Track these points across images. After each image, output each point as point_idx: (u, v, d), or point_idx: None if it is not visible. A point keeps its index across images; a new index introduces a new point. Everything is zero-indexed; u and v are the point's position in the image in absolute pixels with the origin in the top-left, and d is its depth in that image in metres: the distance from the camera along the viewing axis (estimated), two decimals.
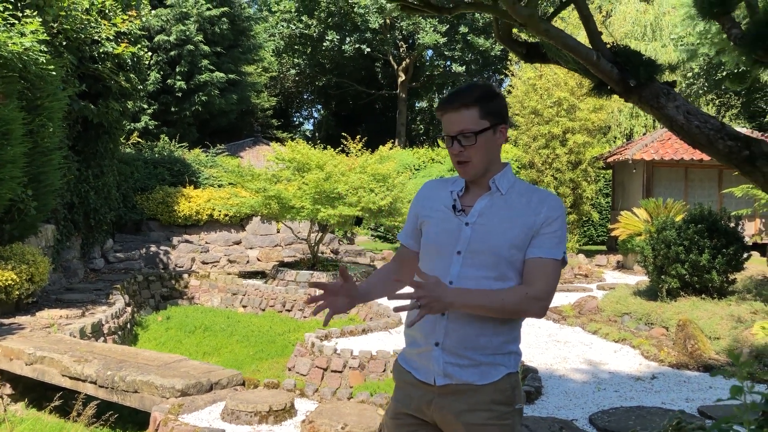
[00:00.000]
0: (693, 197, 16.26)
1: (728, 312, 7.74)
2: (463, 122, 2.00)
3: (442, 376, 2.02)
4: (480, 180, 2.08)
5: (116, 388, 5.63)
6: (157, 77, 21.27)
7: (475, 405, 2.00)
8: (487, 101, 2.02)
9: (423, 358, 2.07)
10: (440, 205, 2.11)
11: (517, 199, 2.05)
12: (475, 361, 2.01)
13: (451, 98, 2.03)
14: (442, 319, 2.00)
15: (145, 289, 12.52)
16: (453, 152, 2.03)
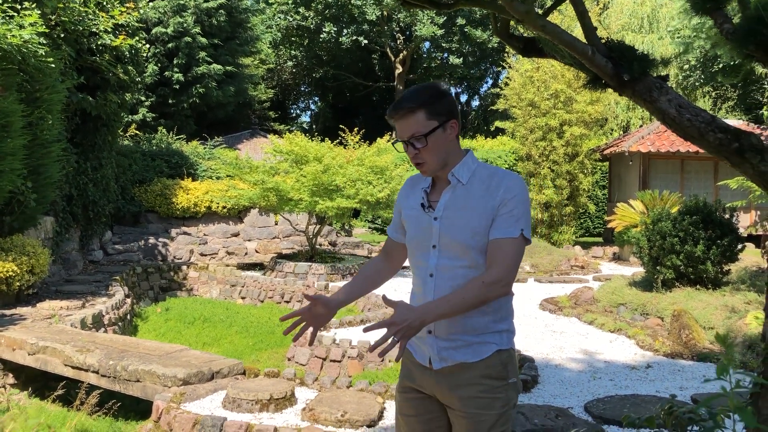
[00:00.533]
0: (689, 189, 16.36)
1: (722, 302, 7.83)
2: (411, 127, 2.11)
3: (438, 360, 2.18)
4: (441, 174, 2.21)
5: (118, 377, 5.70)
6: (154, 69, 21.26)
7: (467, 380, 2.16)
8: (432, 103, 2.12)
9: (420, 342, 2.23)
10: (415, 203, 2.26)
11: (477, 186, 2.16)
12: (466, 341, 2.16)
13: (397, 105, 2.13)
14: None
15: (144, 280, 12.58)
16: (409, 155, 2.16)
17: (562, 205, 16.45)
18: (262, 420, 4.77)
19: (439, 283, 2.17)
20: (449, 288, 2.14)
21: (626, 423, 2.48)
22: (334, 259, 13.26)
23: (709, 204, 8.87)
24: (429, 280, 2.18)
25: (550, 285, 11.71)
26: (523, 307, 9.52)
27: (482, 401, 2.15)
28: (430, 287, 2.18)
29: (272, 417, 4.87)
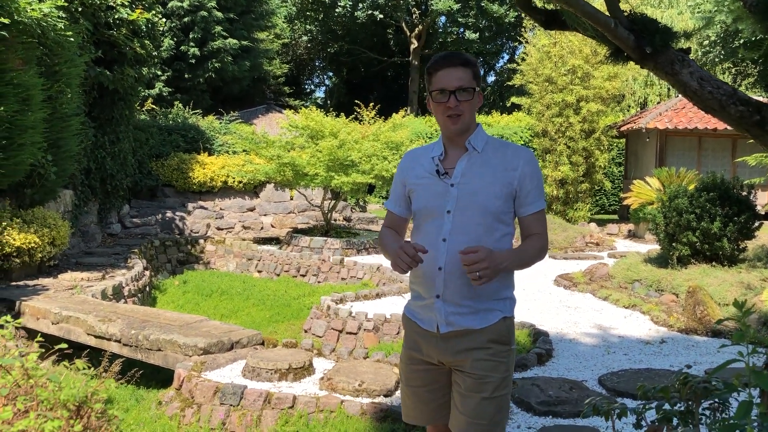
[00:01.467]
0: (706, 166, 16.23)
1: (738, 279, 7.83)
2: (461, 78, 2.20)
3: (445, 325, 2.27)
4: (458, 141, 2.29)
5: (140, 346, 5.83)
6: (170, 44, 21.26)
7: (475, 344, 2.26)
8: (475, 67, 2.26)
9: (426, 310, 2.31)
10: (424, 172, 2.31)
11: (492, 154, 2.27)
12: (473, 308, 2.25)
13: (451, 57, 2.23)
14: (440, 273, 2.23)
15: (162, 254, 12.73)
16: (449, 105, 2.20)
17: (577, 181, 16.40)
18: (281, 389, 4.87)
19: (452, 248, 2.22)
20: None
21: (640, 394, 2.53)
22: (349, 234, 13.33)
23: (726, 181, 8.83)
24: (441, 245, 2.23)
25: (565, 261, 11.73)
26: (537, 282, 9.57)
27: (489, 363, 2.26)
28: (443, 251, 2.23)
29: (291, 386, 4.98)
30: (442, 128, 2.30)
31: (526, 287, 9.23)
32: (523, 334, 6.61)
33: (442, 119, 2.25)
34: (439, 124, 2.31)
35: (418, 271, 2.28)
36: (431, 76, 2.25)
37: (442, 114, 2.24)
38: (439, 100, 2.22)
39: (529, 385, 4.93)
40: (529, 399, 4.62)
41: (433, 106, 2.29)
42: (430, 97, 2.28)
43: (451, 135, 2.28)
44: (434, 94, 2.23)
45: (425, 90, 2.33)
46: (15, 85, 7.71)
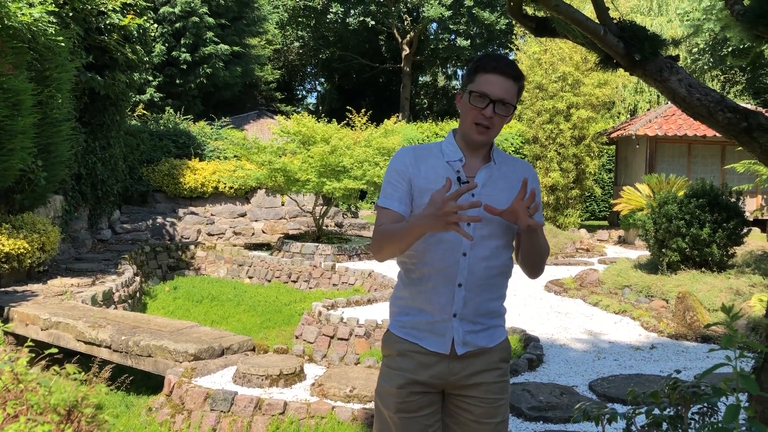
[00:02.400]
0: (695, 173, 16.34)
1: (727, 285, 7.88)
2: (508, 91, 2.03)
3: (462, 345, 2.08)
4: (478, 151, 2.11)
5: (130, 352, 5.80)
6: (162, 49, 21.25)
7: (487, 365, 2.13)
8: (522, 83, 2.10)
9: (435, 329, 2.09)
10: (438, 176, 2.06)
11: (506, 168, 2.15)
12: (485, 325, 2.13)
13: (508, 64, 2.04)
14: (460, 290, 2.05)
15: (153, 259, 12.69)
16: (484, 114, 2.02)
17: (568, 188, 16.47)
18: (272, 395, 4.86)
19: (473, 262, 2.07)
20: (483, 266, 2.07)
21: (631, 399, 2.55)
22: (340, 240, 13.34)
23: (715, 187, 8.89)
24: (462, 260, 2.05)
25: (555, 267, 11.76)
26: (528, 288, 9.59)
27: (500, 386, 2.16)
28: (463, 266, 2.06)
29: (282, 392, 4.96)
30: (465, 133, 2.10)
31: (517, 292, 9.25)
32: (514, 339, 6.62)
33: (469, 124, 2.06)
34: (462, 126, 2.11)
35: (426, 286, 2.08)
36: (477, 74, 2.05)
37: (471, 119, 2.04)
38: (476, 104, 2.02)
39: (520, 390, 4.94)
40: (520, 405, 4.63)
41: (463, 106, 2.09)
42: (465, 94, 2.07)
43: (474, 144, 2.08)
44: (474, 95, 2.03)
45: (417, 96, 2.18)
46: (5, 90, 7.69)
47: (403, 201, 2.10)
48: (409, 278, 2.14)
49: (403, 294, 2.17)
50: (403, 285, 2.17)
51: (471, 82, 2.05)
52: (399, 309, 2.19)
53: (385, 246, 2.05)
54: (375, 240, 2.10)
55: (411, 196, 2.09)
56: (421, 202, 2.02)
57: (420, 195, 2.06)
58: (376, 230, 2.10)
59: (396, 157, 2.15)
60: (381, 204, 2.12)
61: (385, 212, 2.10)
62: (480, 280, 2.07)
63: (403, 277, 2.18)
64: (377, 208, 2.15)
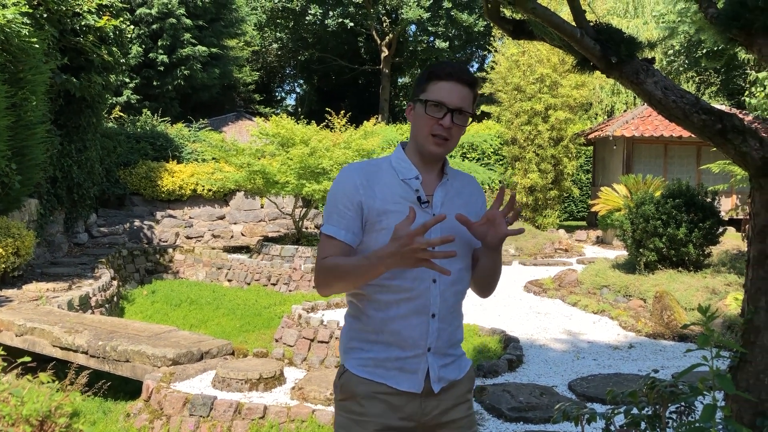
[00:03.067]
0: (672, 173, 16.53)
1: (703, 284, 7.98)
2: (465, 99, 1.88)
3: (438, 381, 1.90)
4: (433, 165, 1.94)
5: (108, 357, 5.73)
6: (138, 51, 21.05)
7: (458, 399, 1.96)
8: (477, 89, 1.96)
9: (407, 366, 1.87)
10: (396, 196, 1.86)
11: (458, 184, 1.99)
12: (454, 356, 1.96)
13: (463, 70, 1.89)
14: (434, 321, 1.86)
15: (130, 263, 12.56)
16: (442, 124, 1.84)
17: (546, 188, 16.57)
18: (252, 399, 4.83)
19: (444, 289, 1.88)
20: (452, 292, 1.91)
21: (609, 398, 2.56)
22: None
23: (691, 188, 9.00)
24: (433, 287, 1.85)
25: (534, 268, 11.83)
26: (508, 289, 9.64)
27: (470, 419, 2.01)
28: (435, 294, 1.86)
29: (262, 396, 4.93)
30: (421, 146, 1.90)
31: (497, 293, 9.28)
32: (494, 340, 6.65)
33: (425, 136, 1.87)
34: (416, 138, 1.91)
35: (394, 318, 1.85)
36: (430, 82, 1.88)
37: (428, 130, 1.86)
38: (432, 114, 1.85)
39: (500, 391, 4.96)
40: (500, 405, 4.65)
41: (417, 116, 1.90)
42: (419, 104, 1.89)
43: (430, 158, 1.90)
44: (429, 105, 1.85)
45: (396, 98, 1.95)
46: None
47: (351, 230, 1.85)
48: (370, 309, 1.88)
49: (363, 328, 1.91)
50: (362, 317, 1.90)
51: (424, 91, 1.88)
52: (359, 345, 1.91)
53: (335, 283, 1.83)
54: (322, 274, 1.85)
55: (361, 222, 1.85)
56: (380, 227, 1.83)
57: (378, 219, 1.84)
58: (322, 263, 1.84)
59: (342, 178, 1.89)
60: (327, 232, 1.87)
61: (330, 242, 1.86)
62: (450, 307, 1.91)
63: (361, 308, 1.90)
64: (321, 236, 1.89)
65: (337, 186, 1.89)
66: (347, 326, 1.98)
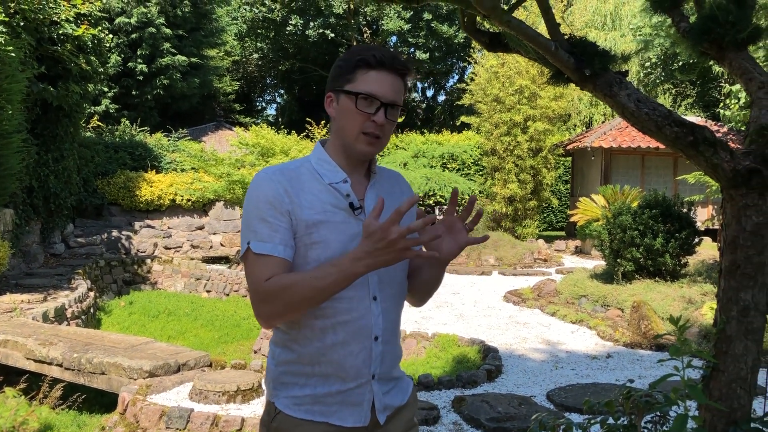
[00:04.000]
0: (649, 184, 16.71)
1: (680, 294, 8.06)
2: (398, 92, 1.64)
3: (383, 411, 1.68)
4: (363, 165, 1.70)
5: (83, 370, 5.65)
6: (117, 60, 20.93)
7: (406, 425, 1.77)
8: (410, 77, 1.69)
9: (351, 398, 1.63)
10: (325, 204, 1.60)
11: (387, 183, 1.76)
12: (395, 379, 1.75)
13: (396, 58, 1.63)
14: (377, 344, 1.63)
15: (107, 274, 12.43)
16: (375, 120, 1.60)
17: (526, 199, 16.67)
18: (229, 411, 4.78)
19: (387, 307, 1.66)
20: (394, 309, 1.69)
21: (586, 408, 2.58)
22: None
23: (668, 198, 9.10)
24: (374, 305, 1.62)
25: (514, 277, 11.88)
26: (487, 298, 9.66)
27: None
28: (377, 313, 1.63)
29: (239, 408, 4.89)
30: (349, 145, 1.64)
31: (477, 303, 9.31)
32: (473, 350, 6.66)
33: (355, 135, 1.61)
34: (343, 136, 1.64)
35: (331, 346, 1.60)
36: (357, 70, 1.61)
37: (358, 128, 1.60)
38: (363, 109, 1.59)
39: (479, 401, 4.96)
40: (479, 416, 4.65)
41: (344, 113, 1.62)
42: (344, 96, 1.62)
43: (360, 158, 1.66)
44: (360, 98, 1.59)
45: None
46: None
47: (287, 243, 1.56)
48: (302, 338, 1.62)
49: (296, 359, 1.64)
50: (293, 347, 1.63)
51: (350, 82, 1.61)
52: (292, 380, 1.64)
53: (292, 306, 1.52)
54: (270, 300, 1.52)
55: (293, 235, 1.57)
56: (311, 241, 1.57)
57: (308, 232, 1.57)
58: (267, 286, 1.52)
59: (263, 184, 1.59)
60: (260, 251, 1.54)
61: (266, 262, 1.54)
62: (393, 326, 1.68)
63: (291, 337, 1.63)
64: (251, 256, 1.55)
65: (259, 194, 1.58)
66: (275, 357, 1.68)
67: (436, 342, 7.06)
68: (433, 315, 8.43)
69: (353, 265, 1.46)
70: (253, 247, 1.55)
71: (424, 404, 4.88)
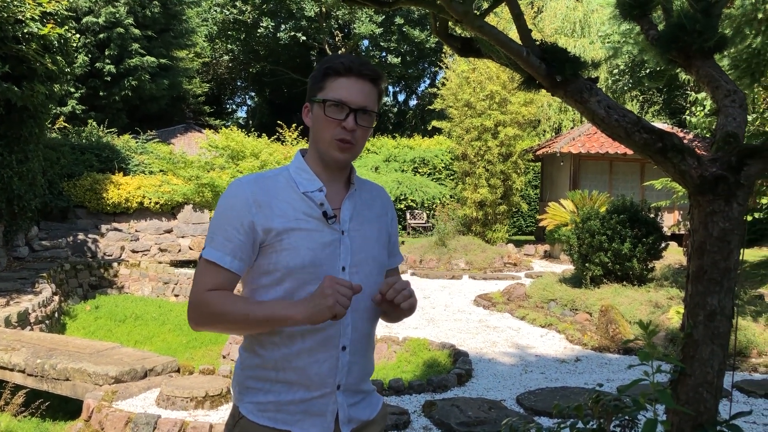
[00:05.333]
0: (617, 189, 16.95)
1: (647, 298, 8.17)
2: (369, 98, 1.66)
3: (347, 423, 1.67)
4: (339, 174, 1.71)
5: (46, 376, 5.53)
6: (84, 60, 20.59)
7: None
8: (383, 85, 1.73)
9: (314, 408, 1.63)
10: (297, 212, 1.63)
11: (366, 195, 1.78)
12: (365, 393, 1.75)
13: (363, 63, 1.67)
14: (344, 354, 1.64)
15: (73, 278, 12.19)
16: (345, 126, 1.62)
17: (496, 203, 16.78)
18: (197, 417, 4.72)
19: (357, 317, 1.66)
20: (366, 319, 1.69)
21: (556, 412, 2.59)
22: None
23: (635, 204, 9.22)
24: (344, 317, 1.61)
25: (484, 282, 11.94)
26: (458, 302, 9.69)
27: None
28: (346, 323, 1.64)
29: (207, 414, 4.83)
30: (323, 152, 1.67)
31: (448, 307, 9.33)
32: (443, 354, 6.66)
33: (328, 141, 1.64)
34: (317, 144, 1.68)
35: (297, 353, 1.61)
36: (327, 79, 1.65)
37: (330, 134, 1.63)
38: (333, 116, 1.62)
39: (449, 406, 4.96)
40: (449, 420, 4.65)
41: (316, 120, 1.66)
42: (316, 105, 1.66)
43: (335, 166, 1.68)
44: (328, 105, 1.62)
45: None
46: None
47: (237, 255, 1.60)
48: (269, 343, 1.63)
49: (261, 364, 1.64)
50: (259, 352, 1.64)
51: (321, 90, 1.65)
52: (256, 385, 1.65)
53: (218, 324, 1.58)
54: (201, 309, 1.58)
55: (253, 246, 1.61)
56: (281, 247, 1.59)
57: (278, 239, 1.59)
58: (203, 297, 1.58)
59: (232, 194, 1.62)
60: (209, 257, 1.60)
61: (212, 270, 1.59)
62: (364, 337, 1.69)
63: (259, 341, 1.64)
64: (201, 261, 1.62)
65: (226, 203, 1.62)
66: (242, 362, 1.70)
67: (406, 346, 7.06)
68: (404, 319, 8.42)
69: (289, 308, 1.53)
70: (204, 252, 1.61)
71: (395, 409, 4.87)
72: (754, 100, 11.03)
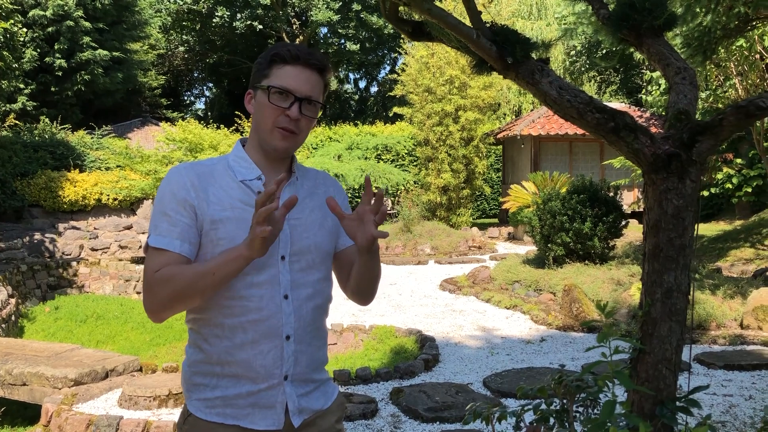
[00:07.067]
0: (577, 169, 17.15)
1: (609, 276, 8.28)
2: (315, 87, 1.64)
3: (298, 414, 1.64)
4: (279, 163, 1.68)
5: (2, 381, 5.38)
6: (33, 55, 20.02)
7: (326, 431, 1.73)
8: (329, 75, 1.71)
9: (262, 400, 1.60)
10: (233, 200, 1.61)
11: (310, 184, 1.75)
12: (317, 381, 1.71)
13: (312, 54, 1.65)
14: (289, 343, 1.60)
15: (30, 279, 11.89)
16: (289, 114, 1.60)
17: (459, 188, 16.85)
18: (161, 416, 4.63)
19: (299, 305, 1.63)
20: (311, 308, 1.65)
21: (520, 394, 2.59)
22: None
23: (595, 183, 9.33)
24: (285, 304, 1.60)
25: (449, 266, 11.98)
26: (423, 287, 9.71)
27: None
28: (288, 312, 1.60)
29: (171, 412, 4.74)
30: (264, 140, 1.64)
31: (414, 293, 9.34)
32: (410, 340, 6.67)
33: (270, 128, 1.61)
34: (258, 132, 1.65)
35: (240, 345, 1.58)
36: (273, 66, 1.62)
37: (272, 123, 1.60)
38: (277, 103, 1.60)
39: (417, 392, 4.96)
40: (417, 406, 4.64)
41: (259, 106, 1.64)
42: (260, 92, 1.63)
43: (275, 155, 1.65)
44: (273, 92, 1.60)
45: None
46: None
47: (186, 239, 1.56)
48: (211, 337, 1.60)
49: (206, 359, 1.61)
50: (203, 347, 1.61)
51: (266, 77, 1.62)
52: (202, 381, 1.62)
53: (175, 298, 1.52)
54: (154, 290, 1.53)
55: (197, 230, 1.57)
56: (215, 237, 1.56)
57: (212, 228, 1.57)
58: (154, 277, 1.53)
59: (171, 180, 1.60)
60: (155, 245, 1.55)
61: (160, 255, 1.54)
62: (309, 326, 1.65)
63: (201, 336, 1.62)
64: (149, 250, 1.57)
65: (165, 188, 1.59)
66: (188, 359, 1.67)
67: (373, 334, 7.04)
68: (370, 307, 8.41)
69: (233, 249, 1.49)
70: (150, 240, 1.56)
71: (362, 398, 4.85)
72: (707, 78, 11.22)
